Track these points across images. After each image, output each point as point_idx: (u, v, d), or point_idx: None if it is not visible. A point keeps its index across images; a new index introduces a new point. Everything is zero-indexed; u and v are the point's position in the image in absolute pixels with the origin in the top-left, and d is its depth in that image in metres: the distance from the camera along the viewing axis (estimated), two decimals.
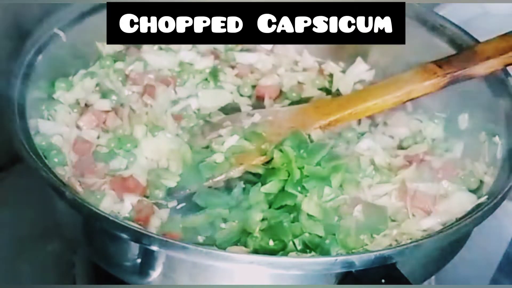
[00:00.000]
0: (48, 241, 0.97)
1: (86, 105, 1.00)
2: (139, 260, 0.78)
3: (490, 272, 1.01)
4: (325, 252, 0.83)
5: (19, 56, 0.92)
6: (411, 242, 0.77)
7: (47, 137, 0.92)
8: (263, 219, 0.87)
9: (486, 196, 0.85)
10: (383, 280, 0.72)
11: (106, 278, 0.85)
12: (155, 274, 0.79)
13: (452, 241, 0.82)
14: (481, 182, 0.92)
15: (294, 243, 0.84)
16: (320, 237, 0.85)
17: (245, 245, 0.85)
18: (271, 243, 0.85)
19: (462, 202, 0.88)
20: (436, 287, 0.97)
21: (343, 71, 1.14)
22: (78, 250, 0.95)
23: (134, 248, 0.77)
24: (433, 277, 0.95)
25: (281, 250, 0.84)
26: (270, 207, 0.89)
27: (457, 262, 0.89)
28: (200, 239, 0.87)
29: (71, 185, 0.86)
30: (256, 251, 0.84)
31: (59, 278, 0.95)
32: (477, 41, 1.02)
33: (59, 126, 0.95)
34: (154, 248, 0.74)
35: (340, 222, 0.87)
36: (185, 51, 1.11)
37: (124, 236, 0.75)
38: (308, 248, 0.84)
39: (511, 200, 0.97)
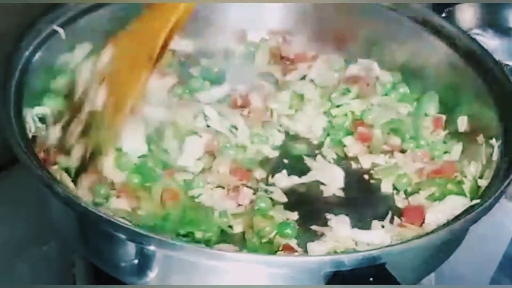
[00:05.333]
0: (48, 241, 0.97)
1: None
2: (135, 260, 0.78)
3: (490, 272, 1.01)
4: None
5: (16, 54, 0.92)
6: (400, 242, 0.77)
7: None
8: None
9: (478, 200, 0.84)
10: (371, 279, 0.71)
11: (106, 278, 0.85)
12: (152, 273, 0.78)
13: (444, 242, 0.81)
14: (477, 185, 0.91)
15: None
16: None
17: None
18: None
19: (455, 204, 0.88)
20: (436, 287, 0.97)
21: None
22: (76, 251, 0.94)
23: (130, 247, 0.77)
24: (433, 277, 0.95)
25: None
26: None
27: (457, 262, 0.88)
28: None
29: (66, 183, 0.86)
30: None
31: (59, 278, 0.94)
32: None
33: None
34: (150, 247, 0.74)
35: None
36: None
37: (118, 234, 0.75)
38: None
39: (511, 200, 0.97)
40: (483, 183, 0.89)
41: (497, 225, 1.00)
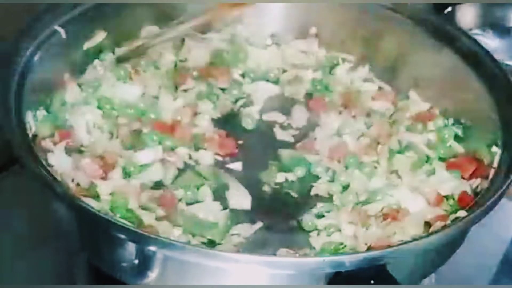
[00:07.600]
0: (48, 241, 0.97)
1: None
2: (135, 260, 0.78)
3: (490, 272, 1.01)
4: None
5: (16, 54, 0.92)
6: (401, 243, 0.78)
7: None
8: None
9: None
10: (372, 281, 0.72)
11: (106, 278, 0.85)
12: (152, 274, 0.78)
13: (444, 244, 0.82)
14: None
15: None
16: None
17: None
18: None
19: None
20: (436, 287, 0.97)
21: None
22: (77, 252, 0.95)
23: (130, 247, 0.77)
24: (433, 277, 0.95)
25: None
26: None
27: (457, 262, 0.89)
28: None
29: (64, 181, 0.86)
30: None
31: (59, 278, 0.94)
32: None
33: None
34: (150, 248, 0.74)
35: None
36: None
37: (118, 235, 0.75)
38: None
39: (511, 200, 0.97)
40: (483, 185, 0.89)
41: (497, 225, 1.00)
